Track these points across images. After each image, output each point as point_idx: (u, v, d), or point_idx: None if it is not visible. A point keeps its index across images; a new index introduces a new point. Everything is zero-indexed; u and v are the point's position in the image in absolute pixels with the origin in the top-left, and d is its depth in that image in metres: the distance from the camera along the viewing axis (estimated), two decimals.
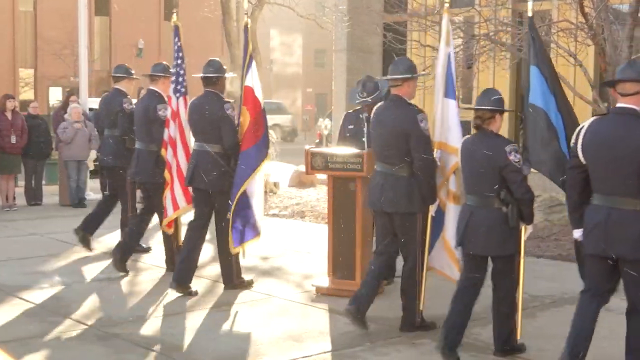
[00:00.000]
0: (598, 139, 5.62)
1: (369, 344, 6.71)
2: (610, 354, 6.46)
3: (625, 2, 11.81)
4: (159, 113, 9.19)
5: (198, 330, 7.13)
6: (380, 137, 7.08)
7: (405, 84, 7.05)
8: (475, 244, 6.33)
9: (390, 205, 6.99)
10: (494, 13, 12.66)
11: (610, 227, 5.55)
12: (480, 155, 6.27)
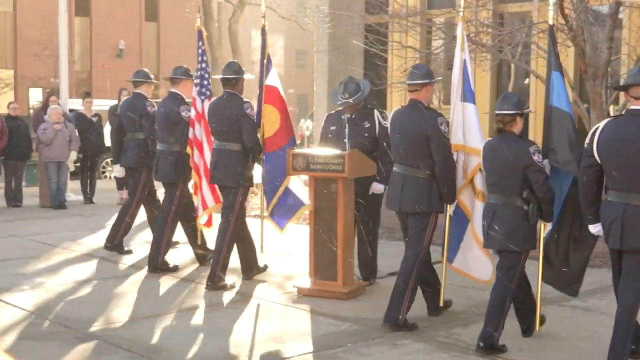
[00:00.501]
0: (613, 139, 5.86)
1: (350, 344, 6.72)
2: (589, 354, 6.48)
3: (605, 4, 11.88)
4: (182, 114, 9.48)
5: (179, 332, 7.11)
6: (400, 140, 7.31)
7: (423, 88, 7.32)
8: (496, 240, 6.60)
9: (409, 205, 7.27)
10: (475, 14, 12.69)
11: (626, 222, 5.80)
12: (504, 156, 6.52)
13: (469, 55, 7.66)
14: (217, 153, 8.76)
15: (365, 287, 8.52)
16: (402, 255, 10.24)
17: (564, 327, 7.19)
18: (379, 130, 8.50)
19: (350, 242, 8.26)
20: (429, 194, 7.19)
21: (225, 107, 8.66)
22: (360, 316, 7.53)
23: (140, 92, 10.52)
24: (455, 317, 7.54)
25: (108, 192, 16.54)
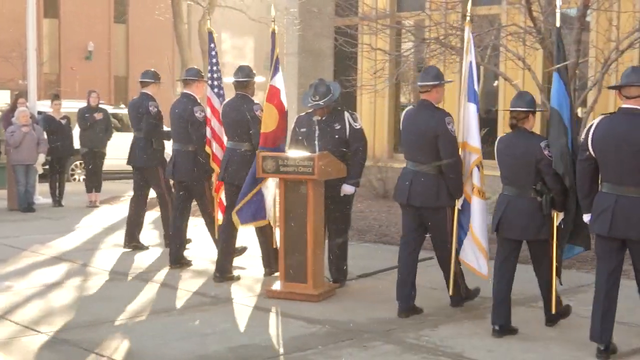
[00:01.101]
0: (607, 135, 6.33)
1: (320, 347, 6.72)
2: (558, 355, 6.53)
3: (572, 7, 11.96)
4: (197, 115, 9.72)
5: (149, 335, 7.07)
6: (411, 138, 7.74)
7: (434, 89, 7.72)
8: (512, 230, 7.04)
9: (419, 200, 7.63)
10: (444, 17, 12.75)
11: (618, 212, 6.28)
12: (517, 151, 6.99)
13: (474, 58, 8.02)
14: (229, 152, 9.14)
15: (336, 289, 8.52)
16: (372, 257, 10.31)
17: (533, 328, 7.24)
18: (350, 132, 8.51)
19: (320, 244, 8.27)
20: (437, 189, 7.58)
21: (236, 109, 9.04)
22: (331, 318, 7.53)
23: (147, 92, 10.89)
24: (424, 319, 7.56)
25: (77, 194, 16.45)
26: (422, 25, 13.95)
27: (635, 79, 6.33)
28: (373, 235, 11.84)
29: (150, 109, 10.69)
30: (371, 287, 8.86)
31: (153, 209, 15.19)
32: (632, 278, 8.99)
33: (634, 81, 6.32)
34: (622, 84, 6.41)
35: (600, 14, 12.02)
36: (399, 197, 7.82)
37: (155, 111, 10.70)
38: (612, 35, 11.82)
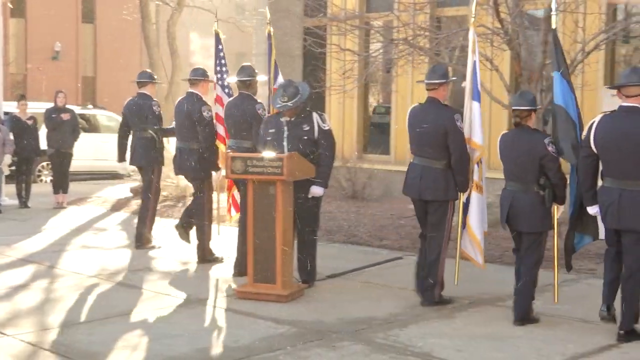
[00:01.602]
0: (608, 132, 6.75)
1: (289, 347, 6.71)
2: (526, 354, 6.57)
3: (539, 8, 12.05)
4: (204, 114, 9.99)
5: (116, 338, 7.02)
6: (420, 135, 7.99)
7: (440, 87, 8.00)
8: (517, 223, 7.37)
9: (429, 194, 7.91)
10: (412, 18, 12.78)
11: (622, 205, 6.69)
12: (522, 147, 7.31)
13: (478, 59, 8.41)
14: (232, 150, 9.21)
15: (304, 289, 8.52)
16: (341, 258, 10.33)
17: (500, 327, 7.28)
18: (318, 133, 8.52)
19: (289, 245, 8.26)
20: (446, 183, 7.87)
21: (239, 107, 9.35)
22: (300, 319, 7.53)
23: (145, 92, 11.15)
24: (393, 319, 7.58)
25: (43, 196, 16.33)
26: (390, 26, 13.98)
27: (634, 78, 6.73)
28: (342, 236, 11.86)
29: (154, 109, 10.98)
30: (340, 287, 8.86)
31: (122, 209, 15.16)
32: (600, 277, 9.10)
33: (634, 81, 6.72)
34: (622, 84, 6.80)
35: (566, 16, 12.09)
36: (410, 192, 8.12)
37: (159, 111, 11.04)
38: (578, 37, 11.90)
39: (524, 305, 7.36)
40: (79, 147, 16.02)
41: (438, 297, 8.03)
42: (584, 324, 7.38)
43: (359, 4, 16.21)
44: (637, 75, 6.77)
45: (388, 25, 14.32)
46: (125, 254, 10.74)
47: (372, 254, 10.70)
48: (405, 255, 10.57)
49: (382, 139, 16.46)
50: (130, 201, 15.96)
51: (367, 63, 13.82)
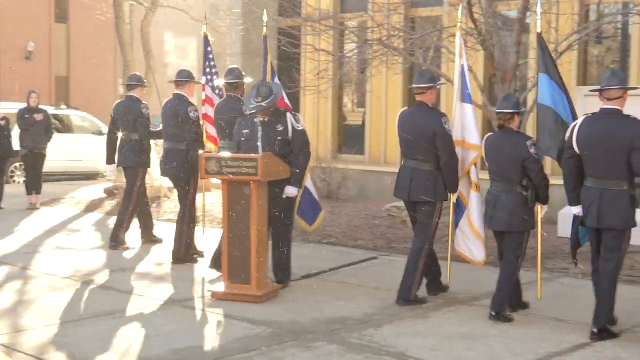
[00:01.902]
0: (590, 134, 6.91)
1: (264, 348, 6.71)
2: (500, 353, 6.60)
3: (513, 9, 12.11)
4: (191, 115, 10.10)
5: (91, 339, 6.99)
6: (409, 138, 8.15)
7: (428, 92, 8.17)
8: (501, 223, 7.55)
9: (418, 195, 8.08)
10: (387, 18, 12.81)
11: (603, 205, 6.87)
12: (506, 149, 7.54)
13: (466, 62, 8.58)
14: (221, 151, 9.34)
15: (279, 290, 8.52)
16: (316, 258, 10.34)
17: (475, 326, 7.31)
18: (292, 133, 8.53)
19: (264, 246, 8.25)
20: (435, 185, 8.03)
21: (229, 109, 9.48)
22: (275, 319, 7.53)
23: (134, 95, 11.21)
24: (368, 319, 7.59)
25: (17, 197, 16.21)
26: (365, 26, 14.01)
27: (615, 82, 6.93)
28: (317, 236, 11.86)
29: (143, 111, 11.03)
30: (315, 287, 8.87)
31: (96, 210, 15.09)
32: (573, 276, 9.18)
33: (614, 84, 6.91)
34: (604, 87, 6.95)
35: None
36: (401, 194, 8.27)
37: (147, 113, 11.09)
38: (551, 37, 11.97)
39: (501, 300, 7.52)
40: (52, 147, 15.92)
41: (414, 296, 8.10)
42: (558, 323, 7.43)
43: (333, 5, 16.23)
44: (617, 78, 6.98)
45: (362, 26, 14.34)
46: (99, 255, 10.69)
47: (347, 254, 10.71)
48: (380, 255, 10.60)
49: (357, 140, 16.49)
50: (104, 202, 15.88)
51: (342, 63, 13.84)
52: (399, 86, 15.29)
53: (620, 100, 6.94)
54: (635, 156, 6.74)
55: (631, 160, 6.76)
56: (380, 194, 15.45)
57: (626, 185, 6.87)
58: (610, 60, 13.80)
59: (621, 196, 6.86)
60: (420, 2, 14.04)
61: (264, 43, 9.84)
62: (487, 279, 9.09)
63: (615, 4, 11.68)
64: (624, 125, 6.83)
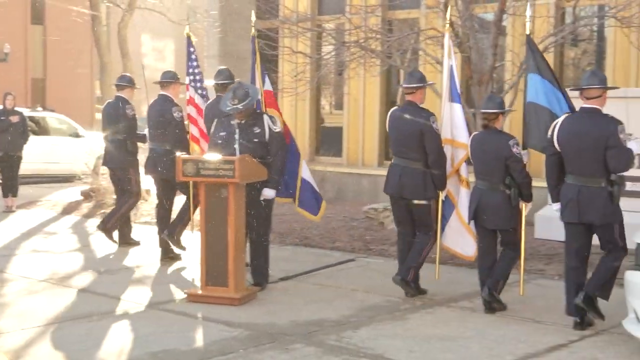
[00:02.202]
0: (571, 132, 7.14)
1: (242, 350, 6.70)
2: (477, 354, 6.62)
3: (489, 11, 12.16)
4: (175, 115, 10.26)
5: (69, 342, 6.96)
6: (399, 136, 8.39)
7: (418, 91, 8.38)
8: (485, 220, 7.81)
9: (408, 193, 8.28)
10: (364, 20, 12.83)
11: (582, 201, 7.08)
12: (489, 148, 7.77)
13: (454, 62, 8.72)
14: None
15: (257, 292, 8.51)
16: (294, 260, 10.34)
17: (452, 328, 7.33)
18: (269, 135, 8.53)
19: (241, 248, 8.25)
20: (424, 183, 8.22)
21: (217, 109, 9.21)
22: (252, 322, 7.52)
23: (122, 96, 11.23)
24: (345, 321, 7.60)
25: None
26: (342, 28, 14.02)
27: (595, 81, 7.15)
28: (294, 238, 11.87)
29: (127, 112, 11.04)
30: (293, 289, 8.87)
31: (72, 212, 15.01)
32: (549, 277, 9.24)
33: (594, 84, 7.13)
34: (584, 87, 7.18)
35: (516, 19, 12.23)
36: (391, 190, 8.46)
37: (132, 114, 11.11)
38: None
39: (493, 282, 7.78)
40: (28, 150, 15.83)
41: (412, 276, 8.36)
42: (534, 324, 7.47)
43: (310, 7, 16.23)
44: (597, 78, 7.19)
45: (340, 28, 14.36)
46: (76, 258, 10.64)
47: (325, 256, 10.72)
48: (358, 257, 10.61)
49: (335, 142, 16.50)
50: (80, 204, 15.80)
51: (319, 65, 13.84)
52: (377, 88, 15.32)
53: (599, 100, 7.15)
54: (610, 154, 6.96)
55: (606, 158, 6.97)
56: (358, 195, 15.47)
57: (604, 182, 7.05)
58: (586, 63, 13.88)
59: (599, 193, 7.04)
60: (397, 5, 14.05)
61: (252, 43, 9.87)
62: (464, 280, 9.15)
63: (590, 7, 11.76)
64: (601, 124, 7.03)
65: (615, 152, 6.96)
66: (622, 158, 7.01)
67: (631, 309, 6.54)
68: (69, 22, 30.39)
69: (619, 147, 6.97)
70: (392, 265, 9.88)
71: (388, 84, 15.58)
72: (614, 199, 7.08)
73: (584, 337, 7.04)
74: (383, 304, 8.22)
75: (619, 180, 7.07)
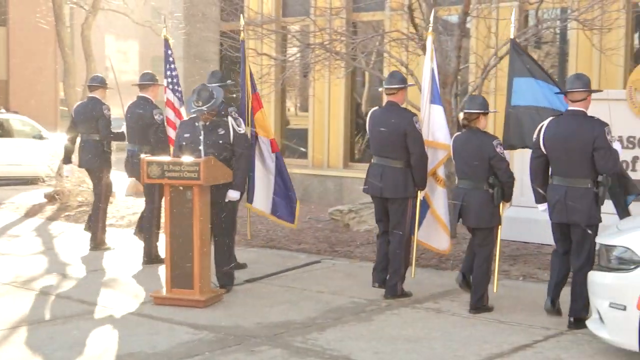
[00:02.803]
0: (556, 134, 7.30)
1: (207, 353, 6.69)
2: (442, 355, 6.66)
3: (453, 14, 12.22)
4: (156, 117, 10.30)
5: (32, 346, 6.91)
6: (380, 136, 8.43)
7: (399, 92, 8.48)
8: (469, 219, 7.92)
9: (389, 192, 8.35)
10: (329, 23, 12.85)
11: (568, 202, 7.22)
12: (472, 148, 7.85)
13: (436, 65, 8.81)
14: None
15: (223, 294, 8.49)
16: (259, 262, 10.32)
17: (417, 329, 7.36)
18: (234, 137, 8.52)
19: (206, 250, 8.22)
20: (405, 182, 8.31)
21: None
22: (218, 324, 7.51)
23: (95, 96, 11.21)
24: (311, 323, 7.61)
25: None
26: (307, 30, 14.03)
27: (579, 85, 7.32)
28: (260, 240, 11.85)
29: (104, 112, 11.01)
30: (259, 291, 8.86)
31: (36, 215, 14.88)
32: (514, 278, 9.31)
33: (578, 87, 7.30)
34: (568, 90, 7.36)
35: (479, 21, 12.30)
36: (371, 191, 8.54)
37: (109, 115, 11.09)
38: (491, 42, 12.12)
39: (478, 296, 7.87)
40: None
41: (400, 290, 8.44)
42: (499, 325, 7.52)
43: (275, 9, 16.22)
44: (581, 81, 7.36)
45: (305, 30, 14.37)
46: (40, 261, 10.55)
47: (291, 258, 10.72)
48: (323, 259, 10.62)
49: (300, 143, 16.50)
50: (44, 207, 15.66)
51: (284, 67, 13.85)
52: (342, 90, 15.33)
53: (584, 102, 7.32)
54: (598, 155, 7.13)
55: (594, 159, 7.15)
56: (323, 197, 15.48)
57: (590, 183, 7.21)
58: (550, 65, 13.98)
59: (585, 194, 7.21)
60: (361, 7, 14.10)
61: (242, 46, 10.06)
62: (428, 281, 9.20)
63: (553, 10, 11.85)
64: (587, 126, 7.20)
65: (603, 153, 7.13)
66: (610, 159, 7.17)
67: (594, 310, 6.60)
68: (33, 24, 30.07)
69: (606, 148, 7.14)
70: (358, 267, 9.95)
71: (353, 85, 15.61)
72: (600, 199, 7.24)
73: (548, 338, 7.11)
74: (349, 306, 8.23)
75: (605, 182, 7.23)
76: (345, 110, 15.37)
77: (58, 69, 33.29)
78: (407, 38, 11.74)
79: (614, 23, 11.39)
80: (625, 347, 6.30)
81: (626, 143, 10.15)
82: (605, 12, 11.14)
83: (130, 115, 10.53)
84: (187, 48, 17.47)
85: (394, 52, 11.92)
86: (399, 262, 8.40)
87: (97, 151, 11.08)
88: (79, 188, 15.16)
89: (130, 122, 10.52)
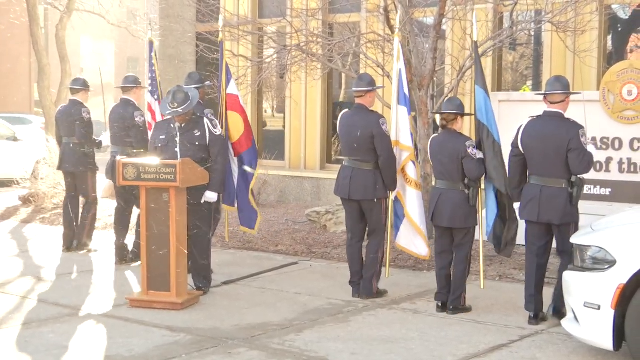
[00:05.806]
0: (534, 134, 7.47)
1: (184, 355, 6.67)
2: (420, 355, 6.68)
3: (429, 15, 12.26)
4: (137, 120, 10.34)
5: (7, 350, 6.86)
6: (349, 138, 8.51)
7: (367, 95, 8.57)
8: (444, 219, 7.93)
9: (359, 194, 8.42)
10: (305, 24, 12.86)
11: (543, 200, 7.40)
12: (448, 149, 7.93)
13: (403, 66, 8.89)
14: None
15: (200, 296, 8.48)
16: (236, 264, 10.32)
17: (394, 330, 7.39)
18: (210, 138, 8.52)
19: (183, 252, 8.20)
20: (375, 183, 8.37)
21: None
22: (195, 326, 7.50)
23: (76, 99, 11.20)
24: (288, 324, 7.61)
25: None
26: (283, 32, 14.03)
27: (558, 87, 7.51)
28: (237, 242, 11.84)
29: (83, 115, 11.02)
30: (236, 293, 8.85)
31: (10, 217, 14.79)
32: (490, 279, 9.35)
33: (558, 89, 7.50)
34: (548, 92, 7.54)
35: (455, 23, 12.35)
36: (341, 193, 8.59)
37: (88, 117, 11.08)
38: (466, 44, 12.17)
39: (456, 296, 7.93)
40: None
41: (376, 289, 8.54)
42: (475, 325, 7.55)
43: (251, 10, 16.21)
44: (560, 84, 7.55)
45: (281, 32, 14.36)
46: (14, 264, 10.49)
47: (268, 260, 10.72)
48: (301, 260, 10.63)
49: (277, 145, 16.49)
50: (19, 209, 15.57)
51: (261, 69, 13.83)
52: (318, 91, 15.34)
53: (562, 104, 7.50)
54: (572, 156, 7.30)
55: (568, 160, 7.31)
56: (300, 199, 15.49)
57: (564, 183, 7.38)
58: (524, 66, 14.08)
59: (559, 193, 7.36)
60: (338, 8, 14.11)
61: (220, 47, 10.01)
62: (405, 282, 9.23)
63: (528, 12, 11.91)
64: (563, 127, 7.38)
65: (576, 154, 7.29)
66: (584, 160, 7.32)
67: (569, 309, 6.65)
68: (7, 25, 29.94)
69: (580, 149, 7.31)
70: (335, 269, 9.97)
71: (329, 87, 15.62)
72: (574, 199, 7.39)
73: (524, 337, 7.15)
74: (326, 307, 8.24)
75: (579, 182, 7.39)
76: (322, 111, 15.38)
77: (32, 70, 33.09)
78: (383, 39, 11.77)
79: (588, 25, 11.49)
80: (600, 346, 6.35)
81: (600, 144, 10.24)
82: (579, 14, 11.24)
83: (113, 117, 10.58)
84: (163, 49, 17.42)
85: (370, 53, 11.94)
86: (376, 262, 8.51)
87: (77, 154, 11.09)
88: (54, 190, 15.08)
89: (113, 124, 10.55)
